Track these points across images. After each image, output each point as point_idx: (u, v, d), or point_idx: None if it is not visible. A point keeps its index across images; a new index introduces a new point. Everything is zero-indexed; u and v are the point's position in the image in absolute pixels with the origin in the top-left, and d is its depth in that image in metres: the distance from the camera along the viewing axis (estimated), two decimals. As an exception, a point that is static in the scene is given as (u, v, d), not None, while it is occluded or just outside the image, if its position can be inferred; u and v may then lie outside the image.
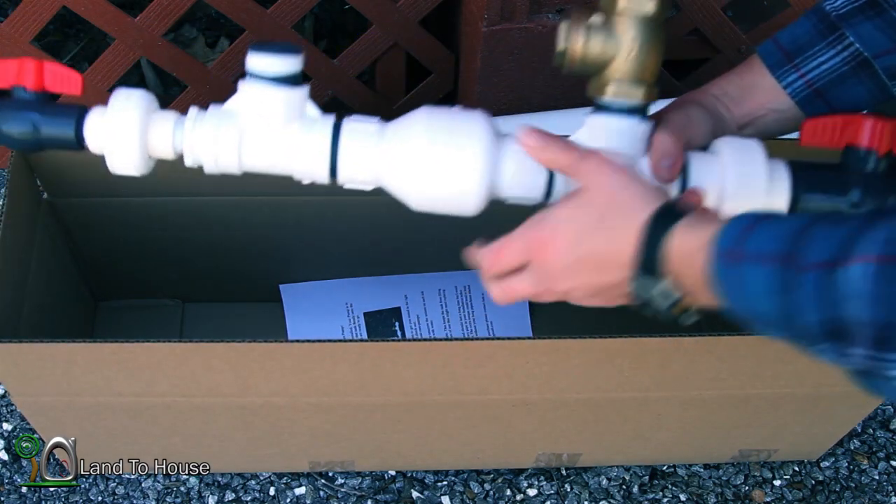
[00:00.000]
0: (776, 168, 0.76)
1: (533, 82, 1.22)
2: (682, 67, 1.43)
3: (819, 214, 0.54)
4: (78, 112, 0.76)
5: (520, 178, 0.74)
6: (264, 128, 0.75)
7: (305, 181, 0.78)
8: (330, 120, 0.76)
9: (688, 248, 0.60)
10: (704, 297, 0.60)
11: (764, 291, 0.54)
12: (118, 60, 1.18)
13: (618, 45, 0.73)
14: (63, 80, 0.77)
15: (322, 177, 0.77)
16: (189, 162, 0.76)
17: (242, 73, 0.74)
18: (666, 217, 0.62)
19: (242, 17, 1.16)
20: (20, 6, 1.11)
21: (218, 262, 1.15)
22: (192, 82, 1.22)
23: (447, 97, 1.33)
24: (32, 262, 0.97)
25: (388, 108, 1.32)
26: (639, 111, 0.75)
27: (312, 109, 0.77)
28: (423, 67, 1.29)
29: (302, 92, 0.76)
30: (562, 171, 0.72)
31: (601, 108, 0.75)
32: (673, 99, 0.81)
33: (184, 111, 0.76)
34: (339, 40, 1.52)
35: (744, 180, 0.74)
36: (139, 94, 0.76)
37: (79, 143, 0.76)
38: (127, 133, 0.74)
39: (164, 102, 1.25)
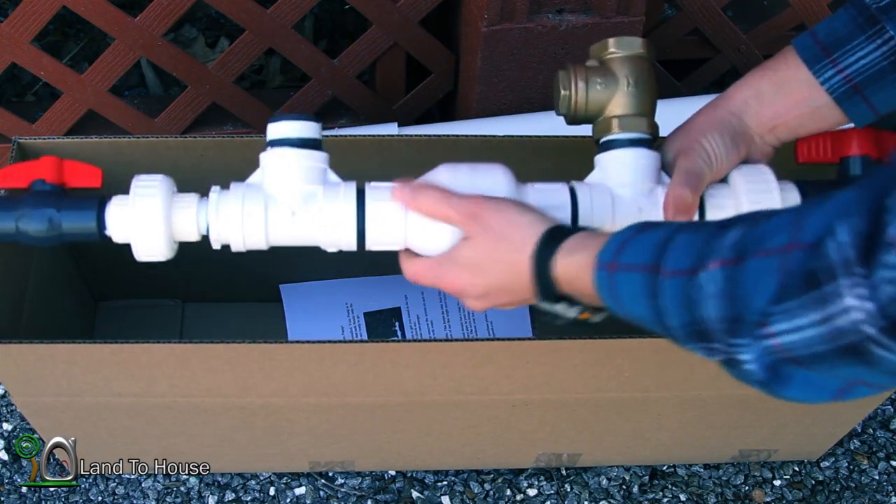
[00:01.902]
0: (787, 190, 0.78)
1: (533, 82, 1.22)
2: (682, 67, 1.43)
3: (682, 223, 0.60)
4: (97, 203, 0.75)
5: None
6: (289, 195, 0.76)
7: (331, 250, 0.79)
8: (352, 188, 0.77)
9: (574, 268, 0.66)
10: (598, 304, 0.66)
11: (635, 297, 0.60)
12: (118, 60, 1.18)
13: (616, 81, 0.78)
14: (83, 175, 0.76)
15: (350, 245, 0.78)
16: (216, 245, 0.77)
17: (242, 75, 0.74)
18: (550, 244, 0.68)
19: (242, 17, 1.16)
20: (20, 6, 1.11)
21: (218, 262, 1.14)
22: (192, 82, 1.22)
23: (447, 97, 1.33)
24: (32, 262, 0.97)
25: (388, 108, 1.32)
26: (645, 143, 0.79)
27: (334, 176, 0.78)
28: (423, 67, 1.29)
29: (323, 156, 0.77)
30: (450, 222, 0.74)
31: (608, 145, 0.79)
32: (682, 100, 0.82)
33: (184, 111, 0.76)
34: (339, 40, 1.52)
35: (759, 207, 0.76)
36: (160, 180, 0.75)
37: (101, 234, 0.75)
38: (152, 222, 0.74)
39: (164, 102, 1.26)
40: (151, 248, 0.75)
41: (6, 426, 1.15)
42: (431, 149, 0.98)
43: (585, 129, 0.85)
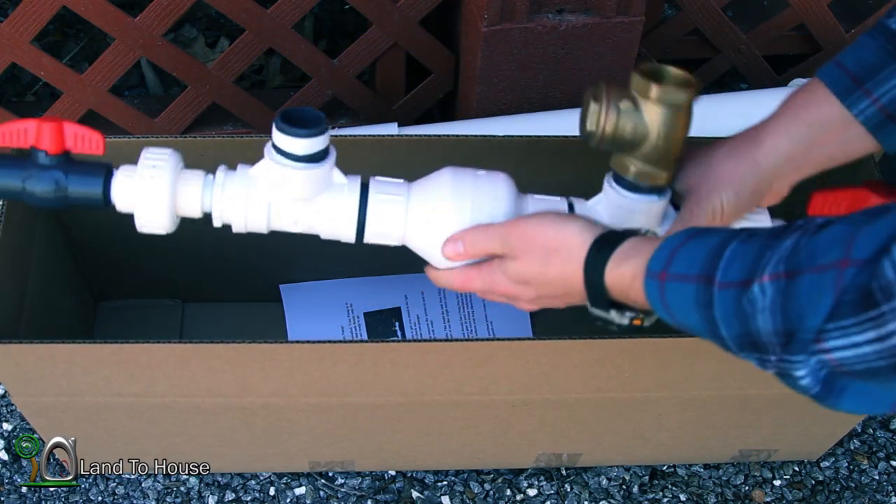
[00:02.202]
0: None
1: (533, 82, 1.22)
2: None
3: (735, 231, 0.59)
4: (104, 171, 0.75)
5: None
6: (289, 203, 0.76)
7: (328, 238, 0.79)
8: (356, 184, 0.77)
9: (627, 278, 0.65)
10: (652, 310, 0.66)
11: (687, 307, 0.60)
12: (118, 60, 1.18)
13: (647, 130, 0.73)
14: (84, 141, 0.75)
15: (348, 237, 0.78)
16: (217, 223, 0.77)
17: (242, 75, 0.74)
18: (601, 253, 0.67)
19: (242, 17, 1.16)
20: (20, 6, 1.11)
21: (218, 262, 1.15)
22: (192, 82, 1.22)
23: (447, 97, 1.33)
24: (32, 262, 0.97)
25: (388, 108, 1.32)
26: (659, 191, 0.77)
27: (339, 176, 0.78)
28: (423, 67, 1.29)
29: (327, 167, 0.75)
30: (494, 254, 0.75)
31: (622, 182, 0.77)
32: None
33: (184, 111, 0.76)
34: (339, 40, 1.52)
35: None
36: (168, 154, 0.75)
37: (105, 202, 0.75)
38: (157, 194, 0.74)
39: (164, 102, 1.26)
40: (153, 219, 0.75)
41: (6, 426, 1.15)
42: (431, 149, 0.98)
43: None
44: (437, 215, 0.76)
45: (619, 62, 1.21)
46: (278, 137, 0.73)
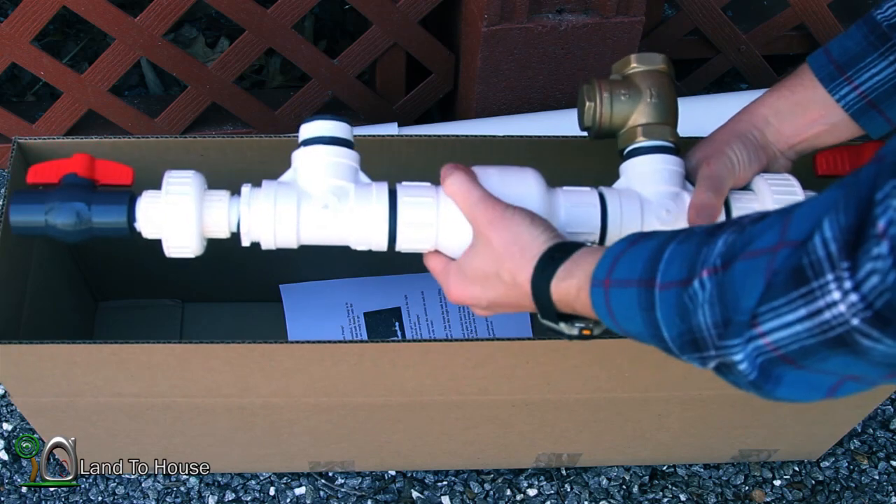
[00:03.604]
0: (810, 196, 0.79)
1: (533, 82, 1.22)
2: (682, 67, 1.43)
3: (673, 233, 0.60)
4: (128, 198, 0.75)
5: (575, 219, 0.78)
6: (321, 190, 0.76)
7: (361, 248, 0.79)
8: (384, 188, 0.77)
9: (572, 290, 0.66)
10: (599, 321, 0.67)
11: (631, 312, 0.60)
12: (118, 60, 1.18)
13: (639, 93, 0.81)
14: (114, 173, 0.76)
15: (380, 245, 0.78)
16: (246, 241, 0.77)
17: (242, 75, 0.75)
18: (547, 269, 0.68)
19: (242, 17, 1.16)
20: (20, 6, 1.11)
21: (218, 262, 1.14)
22: (192, 82, 1.22)
23: (447, 97, 1.33)
24: (32, 262, 0.97)
25: (388, 108, 1.32)
26: (669, 150, 0.81)
27: (365, 177, 0.79)
28: (423, 67, 1.29)
29: (354, 154, 0.78)
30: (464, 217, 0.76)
31: (634, 153, 0.81)
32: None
33: (184, 111, 0.76)
34: (339, 40, 1.52)
35: None
36: (192, 176, 0.75)
37: (130, 229, 0.75)
38: (184, 218, 0.74)
39: (164, 102, 1.26)
40: (182, 243, 0.75)
41: (6, 426, 1.15)
42: (431, 149, 0.98)
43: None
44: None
45: (619, 62, 1.21)
46: (306, 128, 0.77)
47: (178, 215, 0.74)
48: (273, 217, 0.75)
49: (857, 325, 0.46)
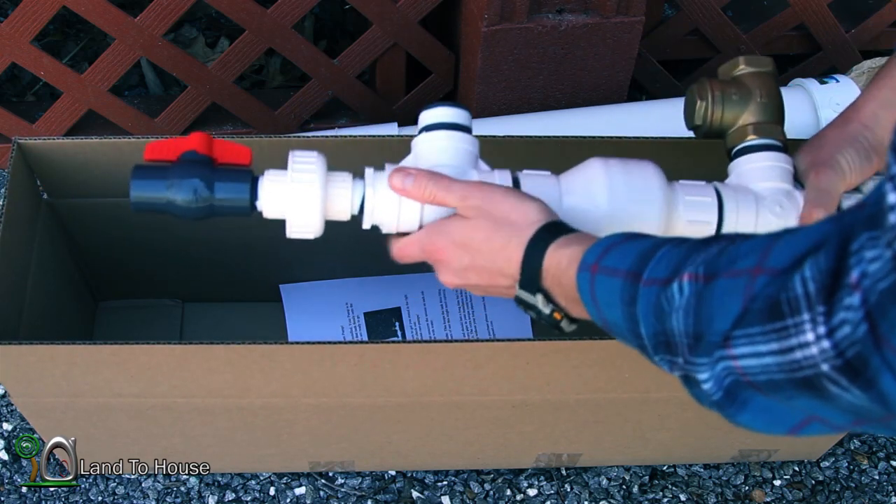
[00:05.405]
0: None
1: (533, 82, 1.22)
2: (682, 67, 1.43)
3: (670, 238, 0.60)
4: (250, 176, 0.74)
5: (693, 210, 0.79)
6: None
7: None
8: (507, 175, 0.78)
9: (563, 261, 0.66)
10: (576, 309, 0.67)
11: (613, 301, 0.60)
12: (118, 60, 1.18)
13: (749, 94, 0.83)
14: (232, 152, 0.75)
15: None
16: (367, 224, 0.77)
17: (242, 75, 0.74)
18: (545, 236, 0.68)
19: (242, 17, 1.16)
20: (20, 6, 1.11)
21: (218, 262, 1.15)
22: (192, 82, 1.22)
23: (447, 97, 1.33)
24: (32, 262, 0.97)
25: (388, 108, 1.32)
26: (780, 149, 0.82)
27: (484, 165, 0.79)
28: (423, 67, 1.29)
29: (474, 140, 0.79)
30: (445, 205, 0.74)
31: (744, 150, 0.83)
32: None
33: (184, 111, 0.76)
34: (339, 40, 1.52)
35: None
36: (316, 157, 0.75)
37: (252, 207, 0.75)
38: (311, 200, 0.74)
39: (164, 102, 1.26)
40: (305, 224, 0.75)
41: (6, 426, 1.15)
42: (431, 149, 0.98)
43: (586, 130, 0.85)
44: (594, 205, 0.77)
45: (619, 62, 1.21)
46: (426, 114, 0.77)
47: (305, 197, 0.73)
48: (398, 201, 0.75)
49: (826, 370, 0.45)
